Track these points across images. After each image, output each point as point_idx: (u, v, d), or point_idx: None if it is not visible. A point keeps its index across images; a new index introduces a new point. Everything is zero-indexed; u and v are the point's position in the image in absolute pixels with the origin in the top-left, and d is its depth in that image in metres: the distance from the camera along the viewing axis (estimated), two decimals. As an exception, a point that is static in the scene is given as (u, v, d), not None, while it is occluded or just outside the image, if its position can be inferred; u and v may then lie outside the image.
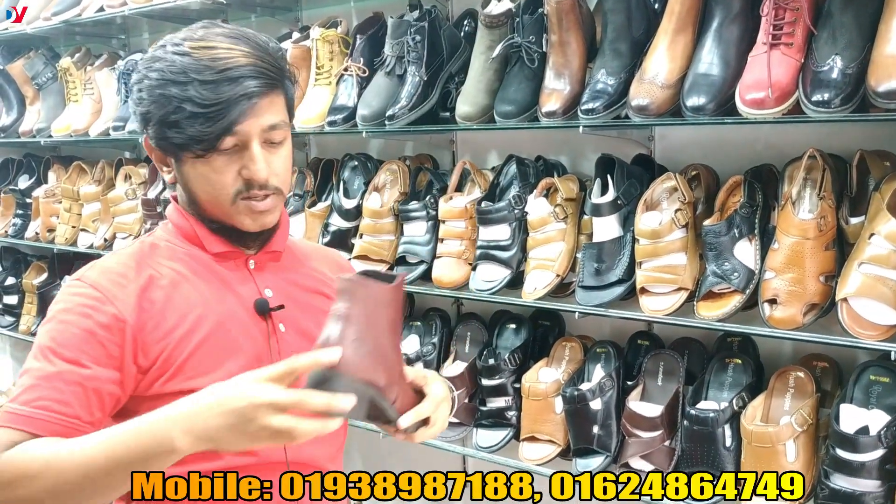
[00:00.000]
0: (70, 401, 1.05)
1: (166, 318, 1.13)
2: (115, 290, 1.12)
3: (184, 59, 1.08)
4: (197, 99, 1.06)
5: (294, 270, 1.28)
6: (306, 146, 2.51)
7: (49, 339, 1.09)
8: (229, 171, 1.11)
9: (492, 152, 2.16)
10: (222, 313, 1.16)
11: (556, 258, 1.75)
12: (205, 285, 1.18)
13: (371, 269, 1.11)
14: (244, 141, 1.10)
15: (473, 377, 1.97)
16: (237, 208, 1.13)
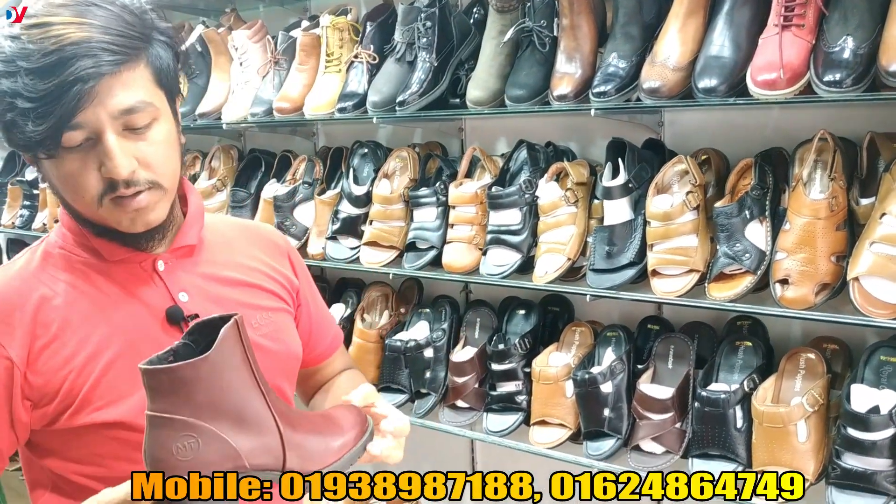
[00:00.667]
0: None
1: (65, 345, 0.99)
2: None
3: (13, 43, 0.93)
4: (25, 92, 0.90)
5: (215, 263, 1.14)
6: (314, 135, 2.52)
7: None
8: (87, 171, 0.95)
9: (501, 139, 2.16)
10: (130, 329, 1.02)
11: (566, 242, 1.76)
12: (106, 299, 1.03)
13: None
14: (94, 132, 0.94)
15: (483, 362, 1.97)
16: (107, 210, 0.98)
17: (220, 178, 2.44)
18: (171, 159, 1.01)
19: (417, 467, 2.47)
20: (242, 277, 1.15)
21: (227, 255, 1.16)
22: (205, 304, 1.08)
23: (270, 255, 1.21)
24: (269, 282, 1.18)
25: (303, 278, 1.27)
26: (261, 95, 2.25)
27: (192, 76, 2.42)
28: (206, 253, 1.14)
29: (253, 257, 1.19)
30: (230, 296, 1.12)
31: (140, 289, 1.05)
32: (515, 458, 2.20)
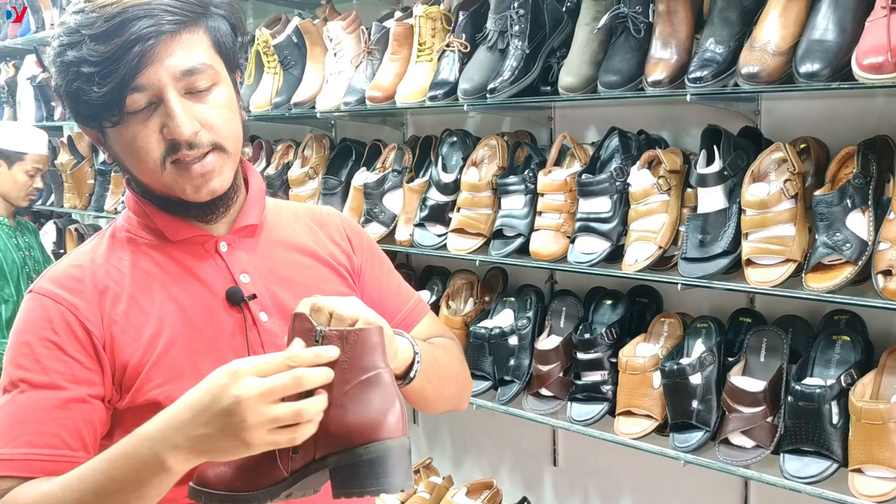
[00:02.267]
0: (56, 431, 0.95)
1: (131, 322, 1.01)
2: (72, 298, 1.01)
3: (78, 16, 0.96)
4: (89, 57, 0.93)
5: (276, 244, 1.14)
6: (403, 125, 2.56)
7: (15, 366, 0.98)
8: (150, 134, 0.97)
9: (590, 128, 2.15)
10: (192, 309, 1.04)
11: (658, 230, 1.74)
12: (170, 280, 1.05)
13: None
14: (156, 94, 0.96)
15: (568, 351, 1.96)
16: (171, 176, 0.99)
17: (312, 167, 2.50)
18: (232, 123, 1.02)
19: (499, 455, 2.51)
20: (302, 258, 1.15)
21: (287, 235, 1.16)
22: (266, 286, 1.08)
23: (328, 235, 1.21)
24: (331, 260, 1.18)
25: (365, 255, 1.24)
26: (354, 85, 2.30)
27: (288, 67, 2.49)
28: (267, 234, 1.14)
29: (312, 238, 1.18)
30: (291, 277, 1.11)
31: (202, 270, 1.06)
32: (597, 448, 2.19)
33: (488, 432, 2.51)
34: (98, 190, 3.35)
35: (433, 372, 1.12)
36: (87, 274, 1.03)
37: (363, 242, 1.26)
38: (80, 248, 1.10)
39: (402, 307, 1.25)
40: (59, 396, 0.96)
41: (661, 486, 2.14)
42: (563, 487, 2.37)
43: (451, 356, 1.22)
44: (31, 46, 3.66)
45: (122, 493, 0.88)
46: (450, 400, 1.23)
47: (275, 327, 1.07)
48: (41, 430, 0.94)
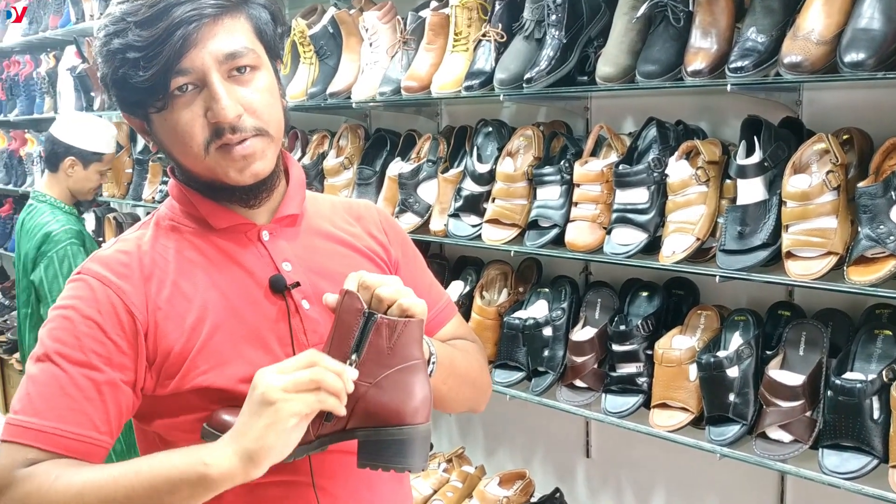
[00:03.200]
0: (87, 412, 0.96)
1: (175, 309, 1.03)
2: (119, 281, 1.02)
3: (123, 6, 0.98)
4: (134, 42, 0.96)
5: (316, 234, 1.16)
6: (438, 115, 2.56)
7: (54, 340, 0.99)
8: (194, 118, 0.99)
9: (627, 119, 2.14)
10: (235, 296, 1.05)
11: (696, 221, 1.72)
12: (214, 267, 1.07)
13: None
14: (200, 77, 0.98)
15: (603, 343, 1.96)
16: (214, 160, 1.01)
17: (347, 157, 2.51)
18: (275, 108, 1.04)
19: (531, 446, 2.51)
20: (341, 249, 1.16)
21: (325, 226, 1.17)
22: (307, 275, 1.10)
23: (365, 228, 1.22)
24: (368, 251, 1.19)
25: (401, 249, 1.25)
26: (389, 75, 2.30)
27: (324, 57, 2.50)
28: (308, 224, 1.16)
29: (351, 230, 1.20)
30: (331, 266, 1.13)
31: (245, 257, 1.08)
32: (631, 441, 2.18)
33: (521, 423, 2.52)
34: (136, 179, 3.40)
35: (449, 373, 1.13)
36: (135, 259, 1.05)
37: (399, 237, 1.27)
38: (125, 234, 1.12)
39: (432, 307, 1.22)
40: (93, 377, 0.97)
41: (695, 479, 2.12)
42: (596, 479, 2.36)
43: (471, 360, 1.23)
44: (72, 38, 3.72)
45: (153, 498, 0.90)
46: (466, 402, 1.25)
47: (316, 315, 1.08)
48: (72, 408, 0.96)
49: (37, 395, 0.96)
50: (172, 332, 1.02)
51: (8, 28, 4.20)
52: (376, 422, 0.95)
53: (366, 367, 0.95)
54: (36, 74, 4.02)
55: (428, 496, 2.31)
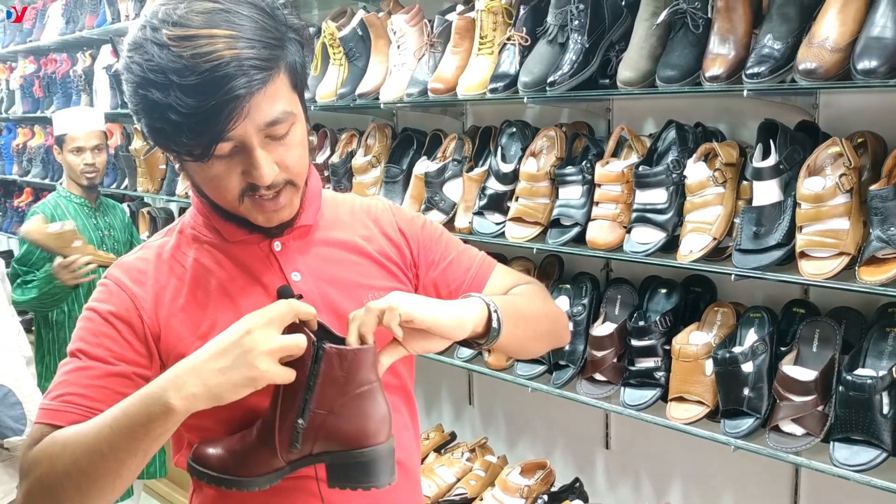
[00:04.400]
0: (95, 395, 1.04)
1: (189, 316, 1.10)
2: (134, 287, 1.10)
3: (163, 53, 0.94)
4: (179, 107, 0.94)
5: (329, 242, 1.19)
6: (463, 115, 2.63)
7: (78, 338, 1.09)
8: (231, 175, 1.02)
9: (648, 121, 2.20)
10: (245, 306, 1.09)
11: (713, 221, 1.78)
12: (227, 277, 1.12)
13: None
14: (241, 142, 0.99)
15: (622, 338, 2.02)
16: (246, 207, 1.05)
17: (374, 155, 2.59)
18: (304, 158, 1.07)
19: (552, 437, 2.57)
20: (355, 257, 1.19)
21: (340, 233, 1.20)
22: (316, 283, 1.14)
23: (381, 231, 1.24)
24: (383, 259, 1.22)
25: (421, 242, 1.27)
26: (416, 77, 2.37)
27: (353, 58, 2.58)
28: (321, 232, 1.19)
29: (365, 235, 1.22)
30: (341, 275, 1.17)
31: (257, 268, 1.13)
32: (649, 433, 2.25)
33: (542, 415, 2.59)
34: (169, 175, 3.50)
35: (518, 316, 1.16)
36: (151, 268, 1.13)
37: (415, 229, 1.29)
38: (151, 240, 1.19)
39: (467, 273, 1.28)
40: (105, 369, 1.06)
41: (711, 471, 2.18)
42: (615, 470, 2.43)
43: (532, 297, 1.25)
44: (107, 37, 3.83)
45: (127, 430, 0.95)
46: (547, 336, 1.27)
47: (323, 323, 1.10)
48: (81, 393, 1.04)
49: (56, 384, 1.07)
50: (186, 338, 1.09)
51: (46, 26, 4.31)
52: (339, 446, 1.01)
53: (323, 397, 0.99)
54: (73, 72, 4.13)
55: (451, 484, 2.39)
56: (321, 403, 0.99)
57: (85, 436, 0.98)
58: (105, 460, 0.96)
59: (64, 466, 0.98)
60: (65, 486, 0.98)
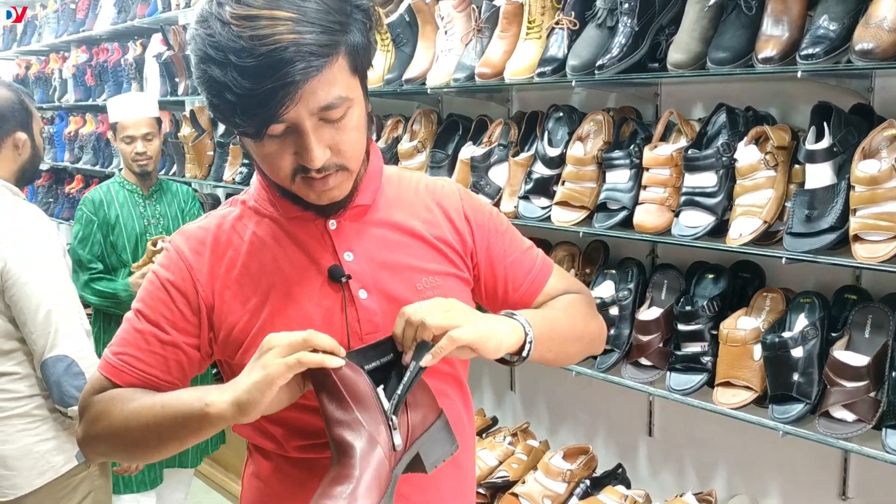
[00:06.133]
0: (149, 361, 1.11)
1: (241, 289, 1.11)
2: (192, 257, 1.12)
3: (224, 30, 0.93)
4: (235, 88, 0.94)
5: (385, 223, 1.17)
6: (509, 101, 2.63)
7: (139, 298, 1.15)
8: (283, 155, 1.02)
9: (697, 105, 2.18)
10: (296, 283, 1.11)
11: (763, 205, 1.77)
12: (282, 252, 1.13)
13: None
14: (293, 124, 0.98)
15: (669, 322, 2.02)
16: (298, 185, 1.05)
17: (420, 140, 2.61)
18: (359, 143, 1.05)
19: (594, 423, 2.57)
20: (411, 240, 1.18)
21: (398, 214, 1.18)
22: (368, 265, 1.13)
23: (445, 214, 1.22)
24: (441, 244, 1.20)
25: (486, 231, 1.26)
26: (463, 62, 2.38)
27: (400, 44, 2.60)
28: (379, 212, 1.17)
29: (427, 218, 1.20)
30: (395, 258, 1.15)
31: (311, 246, 1.13)
32: (693, 419, 2.24)
33: (584, 401, 2.59)
34: (217, 161, 3.56)
35: (552, 341, 1.17)
36: (210, 237, 1.14)
37: (482, 218, 1.27)
38: (217, 210, 1.21)
39: (526, 275, 1.28)
40: (160, 336, 1.11)
41: (756, 458, 2.17)
42: (658, 457, 2.42)
43: (574, 316, 1.25)
44: (158, 26, 3.90)
45: (171, 420, 1.03)
46: (577, 356, 1.29)
47: (373, 304, 1.12)
48: (137, 356, 1.11)
49: (121, 338, 1.14)
50: (237, 310, 1.11)
51: (98, 16, 4.40)
52: (424, 429, 1.05)
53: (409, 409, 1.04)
54: (123, 61, 4.22)
55: (493, 467, 2.41)
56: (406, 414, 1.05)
57: (140, 406, 1.06)
58: (150, 434, 1.05)
59: (118, 427, 1.08)
60: (115, 442, 1.10)
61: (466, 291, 1.25)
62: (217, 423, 1.00)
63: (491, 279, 1.27)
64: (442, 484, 1.19)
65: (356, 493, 0.94)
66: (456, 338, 1.01)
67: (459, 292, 1.21)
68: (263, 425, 1.15)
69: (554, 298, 1.30)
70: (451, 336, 1.01)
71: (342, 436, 0.98)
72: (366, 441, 0.98)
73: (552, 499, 2.22)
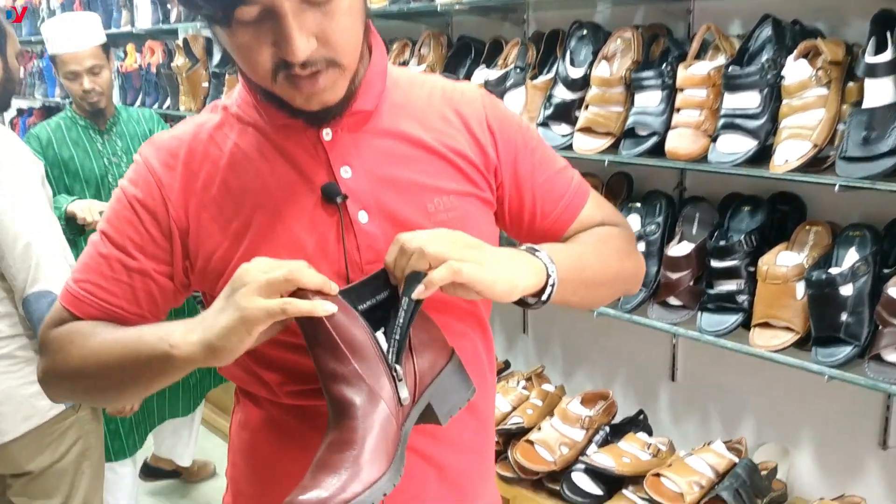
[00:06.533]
0: (114, 290, 0.96)
1: (220, 210, 0.94)
2: (162, 171, 0.95)
3: None
4: None
5: (391, 133, 0.99)
6: (525, 22, 2.43)
7: (105, 218, 0.98)
8: (260, 47, 0.83)
9: (734, 21, 1.98)
10: (284, 204, 0.93)
11: (814, 127, 1.59)
12: (268, 167, 0.95)
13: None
14: (269, 7, 0.80)
15: (701, 259, 1.86)
16: (281, 87, 0.87)
17: (429, 65, 2.41)
18: (353, 32, 0.87)
19: (612, 368, 2.44)
20: (421, 153, 0.99)
21: (407, 123, 1.00)
22: (370, 182, 0.95)
23: (464, 124, 1.03)
24: (458, 158, 1.01)
25: (512, 147, 1.06)
26: (476, -25, 2.18)
27: (407, -42, 2.39)
28: (383, 119, 0.99)
29: (440, 128, 1.01)
30: (403, 174, 0.97)
31: (302, 160, 0.95)
32: (719, 363, 2.10)
33: (603, 344, 2.44)
34: (213, 93, 3.36)
35: (578, 284, 1.00)
36: (185, 149, 0.96)
37: (508, 130, 1.07)
38: (195, 117, 1.02)
39: (558, 200, 1.08)
40: (126, 262, 0.96)
41: (788, 404, 2.03)
42: (681, 403, 2.29)
43: (608, 254, 1.07)
44: (147, -52, 3.66)
45: (133, 360, 0.89)
46: (606, 299, 1.12)
47: (375, 229, 0.94)
48: (101, 285, 0.96)
49: (83, 263, 0.99)
50: (215, 235, 0.94)
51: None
52: (433, 375, 0.91)
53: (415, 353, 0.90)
54: (112, -12, 4.00)
55: (506, 413, 2.27)
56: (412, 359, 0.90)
57: (99, 344, 0.93)
58: (109, 376, 0.93)
59: (75, 366, 0.94)
60: (74, 383, 0.97)
61: (488, 215, 1.06)
62: (184, 366, 0.86)
63: (516, 203, 1.08)
64: (458, 435, 1.04)
65: (360, 461, 0.79)
66: (457, 269, 0.84)
67: (479, 216, 1.03)
68: (255, 369, 0.99)
69: (588, 230, 1.12)
70: (451, 266, 0.84)
71: (340, 392, 0.82)
72: (366, 397, 0.82)
73: (569, 446, 2.09)
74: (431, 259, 0.84)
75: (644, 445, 2.04)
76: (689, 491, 1.82)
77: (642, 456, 2.01)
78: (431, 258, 0.84)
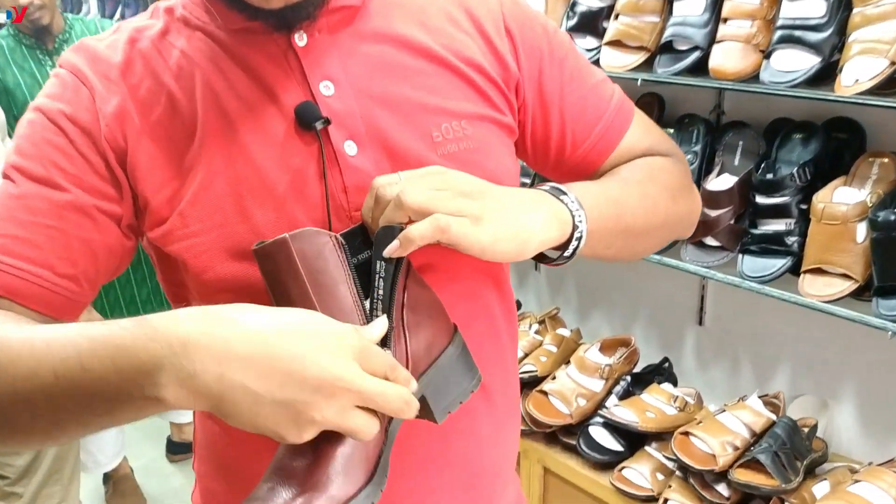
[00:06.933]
0: (39, 243, 0.70)
1: (167, 137, 0.74)
2: (95, 80, 0.74)
3: None
4: None
5: (385, 37, 0.78)
6: (544, -80, 2.14)
7: (15, 149, 0.73)
8: None
9: (792, -84, 1.70)
10: (247, 130, 0.73)
11: (891, 41, 1.34)
12: (224, 84, 0.75)
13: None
14: None
15: (745, 194, 1.63)
16: None
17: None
18: None
19: (633, 311, 2.23)
20: (424, 62, 0.79)
21: (404, 22, 0.80)
22: (359, 101, 0.75)
23: (477, 28, 0.82)
24: (470, 70, 0.80)
25: (536, 55, 0.85)
26: None
27: None
28: (372, 20, 0.79)
29: (447, 31, 0.80)
30: (400, 90, 0.77)
31: (269, 73, 0.74)
32: (751, 308, 1.90)
33: (622, 283, 2.24)
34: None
35: (614, 235, 0.81)
36: (120, 58, 0.76)
37: (532, 35, 0.85)
38: (130, 21, 0.80)
39: (594, 124, 0.87)
40: (53, 198, 0.71)
41: (827, 357, 1.83)
42: (708, 350, 2.09)
43: (655, 195, 0.85)
44: None
45: (89, 395, 0.59)
46: (648, 250, 0.91)
47: (366, 164, 0.74)
48: (21, 237, 0.70)
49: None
50: (157, 170, 0.73)
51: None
52: (430, 360, 0.71)
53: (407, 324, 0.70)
54: None
55: (519, 359, 2.09)
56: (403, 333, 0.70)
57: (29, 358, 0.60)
58: (38, 418, 0.61)
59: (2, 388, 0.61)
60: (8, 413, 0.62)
61: (508, 145, 0.84)
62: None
63: (541, 129, 0.86)
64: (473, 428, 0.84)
65: (328, 471, 0.59)
66: (443, 226, 0.65)
67: (497, 147, 0.81)
68: None
69: (631, 163, 0.89)
70: (436, 220, 0.65)
71: None
72: None
73: (587, 397, 1.90)
74: (410, 211, 0.65)
75: (670, 398, 1.86)
76: (721, 452, 1.64)
77: (668, 410, 1.83)
78: (411, 210, 0.65)
